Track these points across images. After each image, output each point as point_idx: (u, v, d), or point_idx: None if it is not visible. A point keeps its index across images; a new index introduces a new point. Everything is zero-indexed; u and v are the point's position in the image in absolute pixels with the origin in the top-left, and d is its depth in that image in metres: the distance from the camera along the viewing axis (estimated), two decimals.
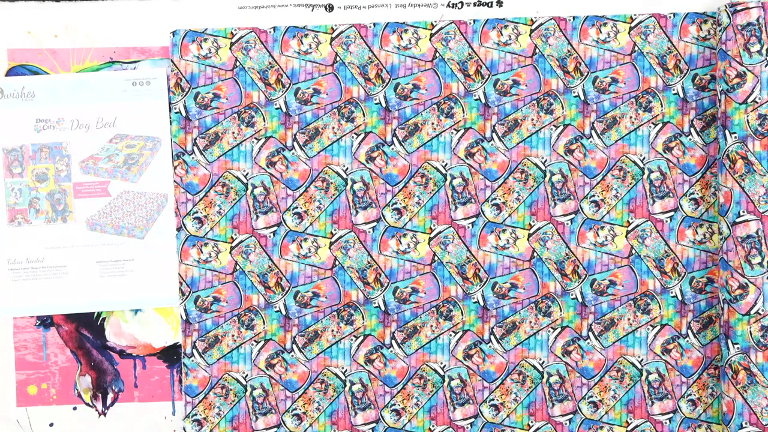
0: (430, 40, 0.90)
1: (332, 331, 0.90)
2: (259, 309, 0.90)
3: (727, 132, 0.85)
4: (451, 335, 0.90)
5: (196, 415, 0.90)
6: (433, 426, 0.91)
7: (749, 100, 0.84)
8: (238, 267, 0.90)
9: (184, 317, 0.90)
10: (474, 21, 0.90)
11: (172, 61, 0.89)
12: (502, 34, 0.90)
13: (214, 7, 0.90)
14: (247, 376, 0.90)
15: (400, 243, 0.90)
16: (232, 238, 0.90)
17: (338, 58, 0.90)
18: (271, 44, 0.90)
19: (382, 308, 0.90)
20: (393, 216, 0.90)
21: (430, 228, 0.90)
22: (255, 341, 0.90)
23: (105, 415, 0.91)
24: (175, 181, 0.90)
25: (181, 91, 0.89)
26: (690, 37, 0.90)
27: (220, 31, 0.90)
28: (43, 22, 0.90)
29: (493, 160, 0.90)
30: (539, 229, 0.90)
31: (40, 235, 0.90)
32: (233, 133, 0.90)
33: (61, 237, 0.90)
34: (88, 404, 0.91)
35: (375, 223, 0.90)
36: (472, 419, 0.91)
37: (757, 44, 0.84)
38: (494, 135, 0.90)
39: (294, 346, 0.90)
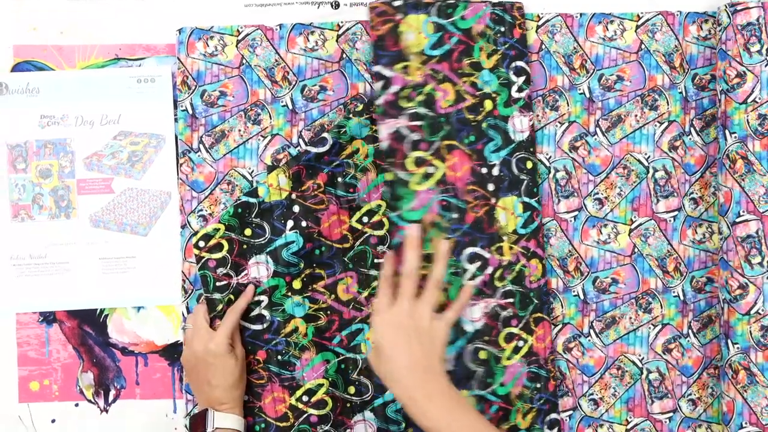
0: None
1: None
2: None
3: (727, 132, 0.86)
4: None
5: None
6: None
7: (749, 100, 0.85)
8: None
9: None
10: None
11: (178, 59, 0.89)
12: None
13: (220, 4, 0.91)
14: None
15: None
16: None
17: (345, 55, 0.90)
18: (277, 41, 0.90)
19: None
20: None
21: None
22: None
23: (107, 411, 0.90)
24: (180, 178, 0.90)
25: (187, 88, 0.89)
26: (690, 36, 0.91)
27: (226, 28, 0.90)
28: (49, 18, 0.90)
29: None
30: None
31: (43, 232, 0.90)
32: (239, 130, 0.90)
33: (64, 233, 0.90)
34: (90, 401, 0.90)
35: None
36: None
37: (757, 44, 0.85)
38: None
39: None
